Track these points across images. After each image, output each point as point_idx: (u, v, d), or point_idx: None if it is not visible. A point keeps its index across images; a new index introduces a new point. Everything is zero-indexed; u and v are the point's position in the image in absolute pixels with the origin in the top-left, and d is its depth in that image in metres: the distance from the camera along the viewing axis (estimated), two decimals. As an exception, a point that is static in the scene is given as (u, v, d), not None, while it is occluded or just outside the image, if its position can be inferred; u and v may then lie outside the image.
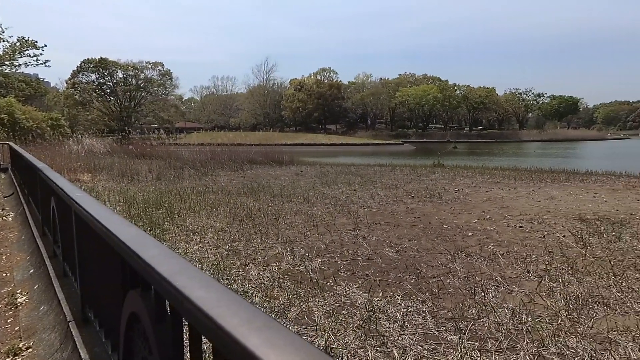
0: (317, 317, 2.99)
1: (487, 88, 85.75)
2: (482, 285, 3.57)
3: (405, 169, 13.01)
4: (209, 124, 75.58)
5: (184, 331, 1.15)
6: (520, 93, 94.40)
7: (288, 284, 3.59)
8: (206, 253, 4.44)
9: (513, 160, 25.11)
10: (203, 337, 0.99)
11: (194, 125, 73.87)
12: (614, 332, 2.75)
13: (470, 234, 5.25)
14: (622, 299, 3.27)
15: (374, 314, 3.02)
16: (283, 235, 5.13)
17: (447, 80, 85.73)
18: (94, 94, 56.32)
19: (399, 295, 3.36)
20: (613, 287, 3.48)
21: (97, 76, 57.13)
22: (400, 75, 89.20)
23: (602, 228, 5.38)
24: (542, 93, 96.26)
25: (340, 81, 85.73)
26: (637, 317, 2.97)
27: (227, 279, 3.66)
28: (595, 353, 2.51)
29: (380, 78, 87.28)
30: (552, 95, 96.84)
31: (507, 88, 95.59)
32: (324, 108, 79.61)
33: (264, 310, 3.05)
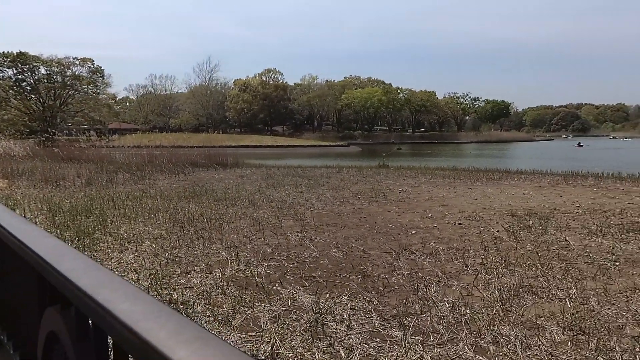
0: (263, 322, 2.93)
1: (428, 92, 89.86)
2: (424, 281, 3.69)
3: (351, 170, 13.22)
4: (147, 125, 72.07)
5: (109, 350, 1.06)
6: (458, 97, 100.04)
7: (232, 290, 3.48)
8: (143, 262, 4.18)
9: (453, 161, 26.45)
10: (130, 355, 0.91)
11: (130, 127, 69.73)
12: (542, 318, 2.96)
13: (413, 232, 5.43)
14: (548, 287, 3.53)
15: (320, 315, 3.01)
16: (227, 240, 4.98)
17: (390, 83, 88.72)
18: (10, 91, 50.34)
19: (345, 296, 3.38)
20: (540, 277, 3.74)
21: (14, 72, 51.85)
22: (345, 77, 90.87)
23: (531, 222, 5.79)
24: (477, 97, 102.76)
25: (286, 82, 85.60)
26: (560, 303, 3.21)
27: (166, 288, 3.48)
28: (525, 339, 2.68)
29: (326, 80, 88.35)
30: (487, 99, 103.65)
31: (446, 92, 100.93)
32: (269, 109, 79.04)
33: (206, 319, 2.93)
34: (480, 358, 2.48)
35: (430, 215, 6.44)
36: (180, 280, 3.71)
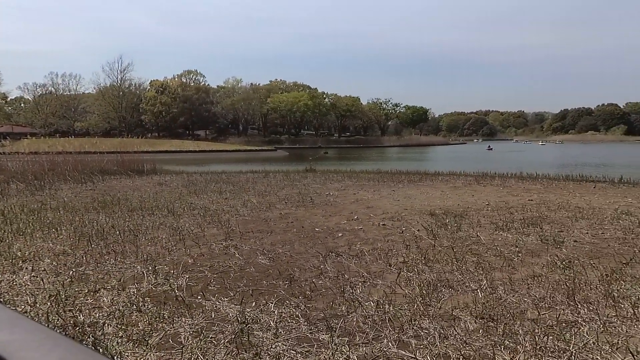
0: (184, 338, 2.75)
1: (353, 97, 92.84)
2: (350, 282, 3.75)
3: (278, 175, 13.15)
4: (47, 129, 64.74)
5: None
6: (381, 103, 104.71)
7: (149, 306, 3.23)
8: (41, 283, 3.71)
9: (377, 164, 27.60)
10: None
11: (26, 130, 61.55)
12: (457, 310, 3.15)
13: (340, 234, 5.51)
14: (462, 280, 3.77)
15: (246, 325, 2.90)
16: (143, 252, 4.62)
17: (316, 88, 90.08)
18: None
19: (272, 303, 3.31)
20: (456, 271, 3.99)
21: None
22: (271, 81, 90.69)
23: (447, 221, 6.18)
24: (398, 103, 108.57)
25: (208, 85, 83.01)
26: (473, 294, 3.45)
27: (70, 310, 3.12)
28: (443, 330, 2.83)
29: (251, 83, 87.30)
30: (407, 105, 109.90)
31: (369, 98, 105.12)
32: (191, 112, 75.88)
33: (119, 341, 2.68)
34: (403, 352, 2.56)
35: (356, 217, 6.59)
36: (87, 300, 3.34)
